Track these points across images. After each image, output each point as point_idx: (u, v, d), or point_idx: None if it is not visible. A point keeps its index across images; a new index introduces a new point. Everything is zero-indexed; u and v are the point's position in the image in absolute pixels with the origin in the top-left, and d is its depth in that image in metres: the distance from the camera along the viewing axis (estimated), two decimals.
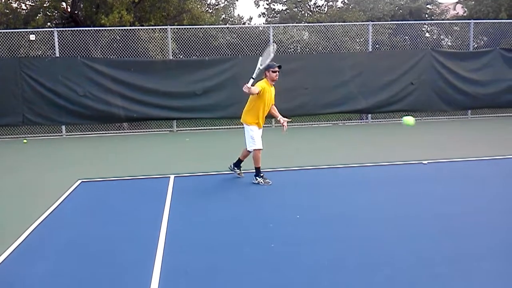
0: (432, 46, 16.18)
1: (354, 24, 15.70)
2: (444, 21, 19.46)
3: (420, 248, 4.44)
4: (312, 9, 24.59)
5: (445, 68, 14.07)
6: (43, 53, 14.77)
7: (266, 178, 7.15)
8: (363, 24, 15.21)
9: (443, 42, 18.17)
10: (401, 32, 17.39)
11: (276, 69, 6.93)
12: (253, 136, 7.06)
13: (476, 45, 16.25)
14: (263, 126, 7.27)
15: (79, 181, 7.47)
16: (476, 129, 12.69)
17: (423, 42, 16.59)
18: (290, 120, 7.36)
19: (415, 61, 13.94)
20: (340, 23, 15.99)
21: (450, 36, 17.97)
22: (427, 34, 18.91)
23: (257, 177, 7.14)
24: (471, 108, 14.75)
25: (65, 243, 4.88)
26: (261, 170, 7.15)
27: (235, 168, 7.56)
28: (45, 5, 15.79)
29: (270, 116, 7.49)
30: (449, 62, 14.11)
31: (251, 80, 6.74)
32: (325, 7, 24.43)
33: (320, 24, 16.19)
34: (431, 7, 23.19)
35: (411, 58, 13.98)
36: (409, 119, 6.90)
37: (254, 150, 7.07)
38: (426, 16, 22.67)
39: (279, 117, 7.27)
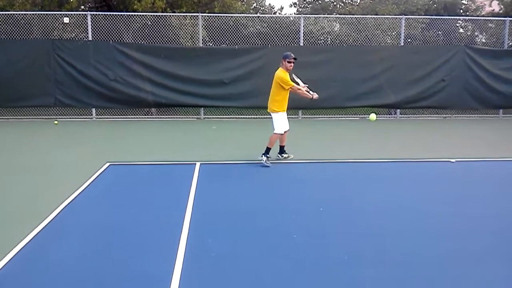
0: (466, 42, 15.84)
1: (387, 18, 15.46)
2: (479, 18, 19.01)
3: (441, 245, 4.43)
4: (344, 0, 24.29)
5: (478, 65, 13.82)
6: (76, 36, 14.99)
7: (269, 161, 7.58)
8: (396, 18, 14.98)
9: (477, 39, 17.76)
10: (435, 27, 17.03)
11: (292, 60, 7.40)
12: (281, 122, 7.61)
13: (511, 43, 15.85)
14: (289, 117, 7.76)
15: (108, 164, 7.62)
16: (508, 129, 12.41)
17: (457, 38, 16.22)
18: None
19: (447, 57, 13.71)
20: (372, 16, 15.78)
21: (484, 33, 17.54)
22: (461, 30, 18.48)
23: (263, 155, 7.60)
24: (503, 108, 14.50)
25: (91, 224, 5.00)
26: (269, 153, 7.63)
27: (281, 155, 8.03)
28: None
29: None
30: (482, 59, 13.85)
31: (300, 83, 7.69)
32: None
33: (351, 16, 16.00)
34: (466, 3, 22.65)
35: (444, 54, 13.74)
36: (372, 116, 7.94)
37: (274, 133, 7.56)
38: (461, 11, 22.17)
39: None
